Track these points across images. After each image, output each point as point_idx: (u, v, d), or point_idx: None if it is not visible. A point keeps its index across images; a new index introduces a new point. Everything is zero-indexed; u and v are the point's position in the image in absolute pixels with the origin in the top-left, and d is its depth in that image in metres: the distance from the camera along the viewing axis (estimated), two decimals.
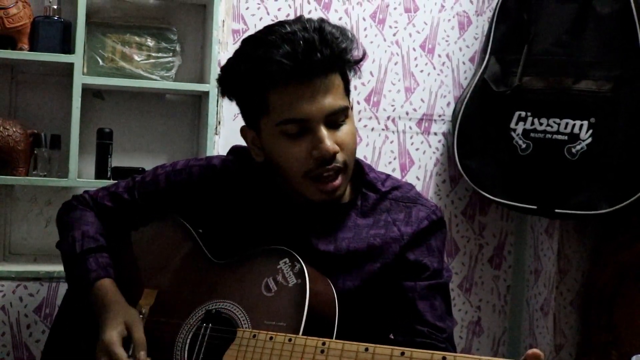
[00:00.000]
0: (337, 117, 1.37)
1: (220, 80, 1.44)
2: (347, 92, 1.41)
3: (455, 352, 1.40)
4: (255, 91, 1.36)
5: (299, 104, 1.33)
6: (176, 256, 1.54)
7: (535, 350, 1.10)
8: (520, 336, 2.63)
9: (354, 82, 2.42)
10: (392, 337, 1.45)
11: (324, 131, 1.34)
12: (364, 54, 1.42)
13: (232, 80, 1.41)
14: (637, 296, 2.31)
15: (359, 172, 1.50)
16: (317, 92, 1.33)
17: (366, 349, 1.20)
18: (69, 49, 2.11)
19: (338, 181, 1.37)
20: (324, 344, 1.23)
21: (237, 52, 1.41)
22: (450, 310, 1.46)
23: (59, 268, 2.09)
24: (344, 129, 1.38)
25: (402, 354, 1.17)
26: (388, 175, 1.54)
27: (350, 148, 1.39)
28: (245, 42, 1.40)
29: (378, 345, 1.19)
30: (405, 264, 1.43)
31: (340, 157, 1.37)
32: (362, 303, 1.42)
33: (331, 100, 1.35)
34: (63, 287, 2.11)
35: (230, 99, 1.44)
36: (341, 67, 1.38)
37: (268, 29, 1.37)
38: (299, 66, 1.30)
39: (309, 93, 1.33)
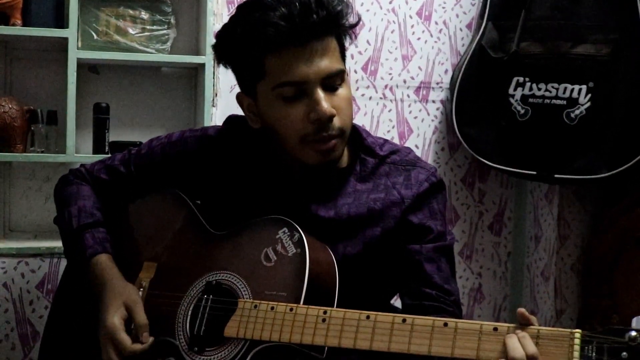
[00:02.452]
0: (334, 81, 1.37)
1: (216, 46, 1.43)
2: (343, 57, 1.41)
3: (462, 315, 1.41)
4: (252, 55, 1.36)
5: (296, 67, 1.33)
6: (175, 228, 1.53)
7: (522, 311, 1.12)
8: (522, 302, 2.64)
9: (351, 50, 2.42)
10: (401, 299, 1.45)
11: (320, 93, 1.34)
12: (359, 19, 1.42)
13: (228, 46, 1.40)
14: (637, 260, 2.31)
15: (356, 137, 1.50)
16: (314, 55, 1.33)
17: (367, 317, 1.20)
18: (62, 23, 2.09)
19: (333, 142, 1.37)
20: (325, 312, 1.23)
21: (232, 17, 1.40)
22: (454, 273, 1.46)
23: (59, 244, 2.06)
24: (340, 94, 1.38)
25: (404, 320, 1.17)
26: (385, 140, 1.53)
27: (346, 113, 1.39)
28: (241, 7, 1.39)
29: (379, 313, 1.20)
30: (409, 227, 1.43)
31: (336, 121, 1.36)
32: (363, 268, 1.42)
33: (328, 63, 1.34)
34: (64, 263, 2.10)
35: (226, 67, 1.43)
36: (337, 31, 1.37)
37: None
38: (295, 28, 1.30)
39: (305, 55, 1.32)
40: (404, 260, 1.42)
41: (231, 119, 1.58)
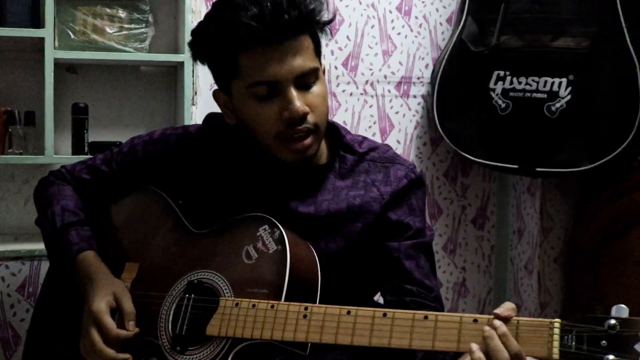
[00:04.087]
0: (307, 79, 1.36)
1: (191, 44, 1.43)
2: (318, 53, 1.40)
3: (443, 310, 1.41)
4: (225, 54, 1.36)
5: (268, 66, 1.32)
6: (156, 228, 1.52)
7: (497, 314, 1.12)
8: (506, 295, 2.65)
9: (331, 46, 2.42)
10: (382, 296, 1.45)
11: (293, 92, 1.34)
12: (334, 16, 1.42)
13: (202, 44, 1.40)
14: (619, 252, 2.32)
15: (335, 135, 1.50)
16: (286, 54, 1.33)
17: (348, 312, 1.20)
18: (38, 23, 2.07)
19: (309, 140, 1.37)
20: (306, 309, 1.23)
21: (207, 15, 1.40)
22: (434, 269, 1.47)
23: (40, 246, 2.06)
24: (315, 91, 1.38)
25: (384, 315, 1.17)
26: (364, 138, 1.53)
27: (321, 110, 1.39)
28: (215, 4, 1.39)
29: (360, 308, 1.19)
30: (387, 224, 1.43)
31: (310, 118, 1.36)
32: (345, 265, 1.42)
33: (301, 62, 1.34)
34: (45, 265, 2.09)
35: (202, 63, 1.43)
36: (310, 29, 1.37)
37: None
38: (267, 28, 1.30)
39: (278, 55, 1.32)
40: (383, 257, 1.42)
41: (211, 117, 1.58)
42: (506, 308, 1.14)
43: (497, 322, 1.11)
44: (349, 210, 1.43)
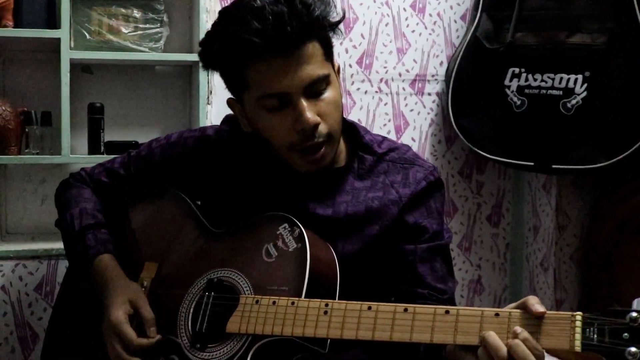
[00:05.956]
0: (318, 87, 1.34)
1: (200, 55, 1.42)
2: (328, 56, 1.38)
3: None
4: (233, 67, 1.35)
5: (276, 79, 1.31)
6: (175, 228, 1.53)
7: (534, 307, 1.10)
8: (521, 293, 2.64)
9: (345, 44, 2.42)
10: (395, 300, 1.45)
11: (304, 103, 1.32)
12: (344, 15, 1.39)
13: (210, 57, 1.40)
14: (636, 249, 2.31)
15: (354, 135, 1.49)
16: (294, 65, 1.30)
17: (369, 308, 1.19)
18: (54, 23, 2.08)
19: (322, 151, 1.36)
20: (326, 305, 1.22)
21: (213, 27, 1.39)
22: (451, 271, 1.46)
23: (57, 245, 2.08)
24: (326, 98, 1.35)
25: (405, 310, 1.17)
26: (384, 137, 1.52)
27: (334, 117, 1.37)
28: (220, 15, 1.38)
29: (381, 304, 1.19)
30: (404, 227, 1.43)
31: (323, 128, 1.35)
32: (362, 267, 1.42)
33: (309, 71, 1.32)
34: (62, 265, 2.10)
35: (213, 72, 1.43)
36: (318, 34, 1.34)
37: (239, 3, 1.34)
38: (270, 42, 1.28)
39: (285, 66, 1.30)
40: (398, 260, 1.42)
41: (229, 119, 1.58)
42: (536, 303, 1.10)
43: (519, 329, 1.08)
44: (367, 212, 1.43)
